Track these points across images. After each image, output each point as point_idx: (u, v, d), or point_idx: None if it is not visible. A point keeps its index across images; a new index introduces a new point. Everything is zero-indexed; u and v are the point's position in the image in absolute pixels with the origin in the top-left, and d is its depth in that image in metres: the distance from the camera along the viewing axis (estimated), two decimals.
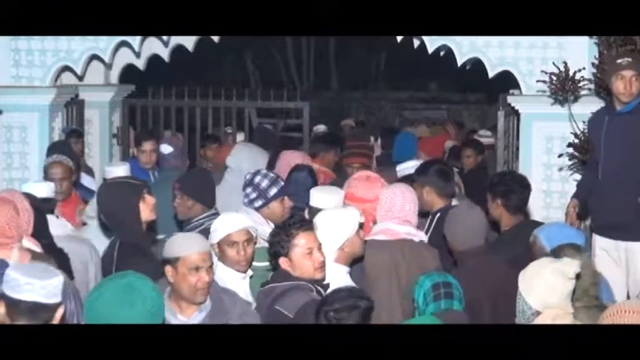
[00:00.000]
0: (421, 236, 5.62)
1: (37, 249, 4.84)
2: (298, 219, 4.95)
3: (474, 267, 5.13)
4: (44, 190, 5.83)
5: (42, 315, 3.60)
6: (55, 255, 4.78)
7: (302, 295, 4.48)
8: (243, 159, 7.10)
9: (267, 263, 4.97)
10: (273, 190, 5.69)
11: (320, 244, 4.71)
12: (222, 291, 4.47)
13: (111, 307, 3.43)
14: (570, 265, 4.27)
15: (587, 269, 4.61)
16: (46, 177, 6.61)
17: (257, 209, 5.68)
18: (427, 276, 4.66)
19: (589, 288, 4.58)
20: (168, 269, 4.33)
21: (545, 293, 4.15)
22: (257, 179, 5.74)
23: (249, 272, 4.99)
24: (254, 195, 5.71)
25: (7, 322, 3.61)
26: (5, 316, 3.62)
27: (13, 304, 3.60)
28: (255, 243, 5.04)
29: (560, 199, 7.57)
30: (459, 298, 4.60)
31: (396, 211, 5.54)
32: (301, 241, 4.64)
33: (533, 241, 5.07)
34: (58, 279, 3.68)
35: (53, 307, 3.63)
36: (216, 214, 5.58)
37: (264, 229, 5.40)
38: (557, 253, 4.71)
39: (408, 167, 6.77)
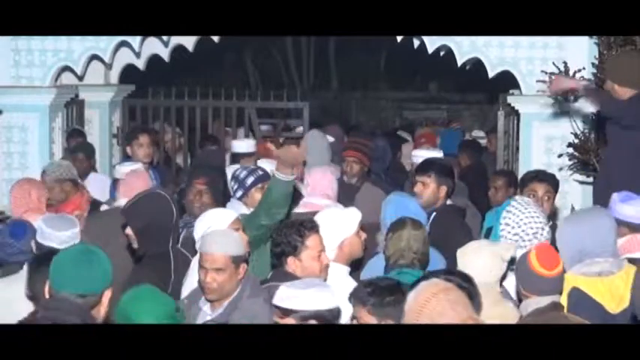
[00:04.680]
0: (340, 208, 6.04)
1: None
2: (306, 219, 4.95)
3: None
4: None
5: None
6: None
7: None
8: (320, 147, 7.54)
9: None
10: (250, 179, 5.85)
11: (324, 247, 4.73)
12: (253, 291, 4.46)
13: (72, 266, 3.57)
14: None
15: (417, 241, 4.90)
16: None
17: (239, 199, 5.85)
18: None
19: (405, 253, 4.85)
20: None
21: (481, 272, 4.38)
22: (237, 172, 5.98)
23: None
24: (235, 186, 5.89)
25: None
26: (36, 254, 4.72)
27: (38, 248, 4.77)
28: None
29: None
30: None
31: (316, 187, 6.15)
32: (312, 243, 4.66)
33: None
34: (72, 230, 4.83)
35: None
36: None
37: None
38: (399, 224, 4.98)
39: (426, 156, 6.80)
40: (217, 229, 4.67)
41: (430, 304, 3.27)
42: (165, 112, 9.92)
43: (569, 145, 7.46)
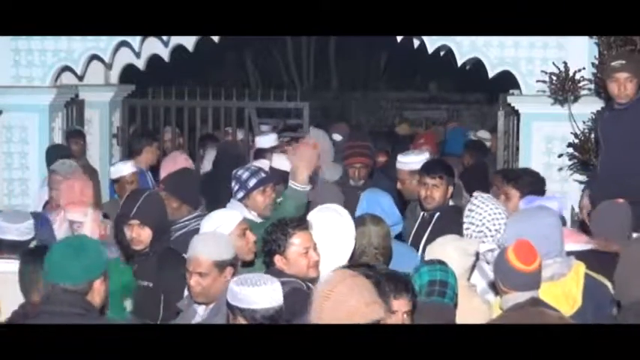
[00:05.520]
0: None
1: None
2: (295, 218, 4.96)
3: None
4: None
5: (19, 249, 4.80)
6: None
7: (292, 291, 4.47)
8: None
9: None
10: (253, 181, 5.76)
11: (315, 244, 4.71)
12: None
13: (60, 258, 3.82)
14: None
15: (377, 236, 5.03)
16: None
17: (240, 200, 5.76)
18: (429, 270, 4.57)
19: (366, 249, 4.98)
20: None
21: None
22: (239, 172, 5.86)
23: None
24: (237, 187, 5.80)
25: None
26: None
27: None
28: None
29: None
30: (451, 296, 4.56)
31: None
32: (298, 240, 4.65)
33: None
34: (28, 222, 5.00)
35: (27, 243, 4.95)
36: (202, 215, 5.55)
37: (250, 219, 5.60)
38: (359, 221, 5.09)
39: (414, 162, 6.72)
40: (204, 233, 4.71)
41: (337, 288, 3.50)
42: (165, 112, 9.92)
43: (569, 145, 7.45)
